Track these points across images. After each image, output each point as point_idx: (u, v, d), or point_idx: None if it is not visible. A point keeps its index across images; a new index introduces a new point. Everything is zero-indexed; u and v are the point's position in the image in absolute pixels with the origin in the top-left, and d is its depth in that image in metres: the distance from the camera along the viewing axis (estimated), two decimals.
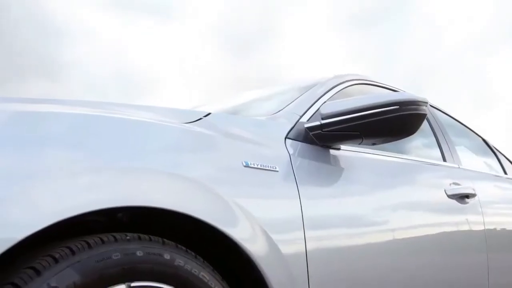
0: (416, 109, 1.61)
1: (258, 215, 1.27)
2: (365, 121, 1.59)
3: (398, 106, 1.59)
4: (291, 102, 1.80)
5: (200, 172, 1.22)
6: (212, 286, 1.16)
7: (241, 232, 1.21)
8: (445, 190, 2.04)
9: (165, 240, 1.13)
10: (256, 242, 1.24)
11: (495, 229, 2.28)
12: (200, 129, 1.34)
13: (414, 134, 1.67)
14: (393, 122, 1.60)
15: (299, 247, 1.36)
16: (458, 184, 2.13)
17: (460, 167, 2.36)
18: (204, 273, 1.15)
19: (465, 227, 2.08)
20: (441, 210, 1.98)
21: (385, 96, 1.64)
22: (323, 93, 1.90)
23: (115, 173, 1.07)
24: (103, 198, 1.01)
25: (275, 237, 1.29)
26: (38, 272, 0.93)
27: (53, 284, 0.92)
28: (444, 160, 2.32)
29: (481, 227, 2.18)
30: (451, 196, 2.05)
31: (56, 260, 0.95)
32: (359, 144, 1.67)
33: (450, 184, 2.10)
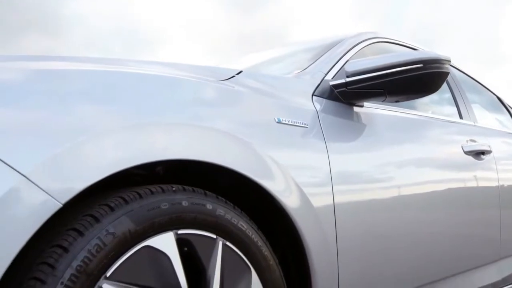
0: (439, 68, 1.65)
1: (291, 169, 1.34)
2: (389, 79, 1.64)
3: (422, 65, 1.63)
4: (315, 61, 1.84)
5: (236, 127, 1.28)
6: (249, 234, 1.23)
7: (276, 185, 1.28)
8: (462, 147, 2.10)
9: (206, 191, 1.20)
10: (290, 195, 1.31)
11: (509, 185, 2.35)
12: (235, 86, 1.39)
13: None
14: (417, 80, 1.64)
15: (327, 200, 1.43)
16: (474, 141, 2.19)
17: (476, 124, 2.41)
18: (242, 223, 1.23)
19: (480, 183, 2.14)
20: (458, 166, 2.04)
21: (409, 55, 1.67)
22: (345, 52, 1.94)
23: (161, 128, 1.13)
24: (154, 151, 1.08)
25: (306, 190, 1.36)
26: (97, 220, 1.00)
27: (111, 231, 1.00)
28: (461, 117, 2.37)
29: (495, 183, 2.25)
30: (467, 153, 2.11)
31: (112, 209, 1.03)
32: (383, 101, 1.72)
33: (467, 141, 2.15)
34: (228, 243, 1.19)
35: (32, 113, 0.99)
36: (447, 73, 1.67)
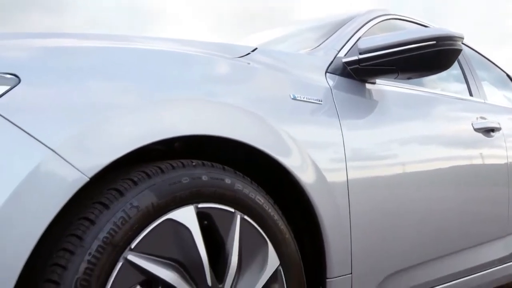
0: (452, 44, 1.66)
1: (307, 145, 1.36)
2: (402, 56, 1.65)
3: (435, 42, 1.64)
4: (327, 38, 1.84)
5: (253, 104, 1.30)
6: (266, 208, 1.27)
7: (293, 161, 1.31)
8: (472, 124, 2.11)
9: (225, 166, 1.23)
10: (306, 171, 1.34)
11: None
12: (251, 63, 1.40)
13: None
14: (430, 57, 1.65)
15: (341, 176, 1.45)
16: (484, 118, 2.20)
17: (486, 101, 2.42)
18: (259, 197, 1.25)
19: (489, 161, 2.16)
20: (468, 143, 2.06)
21: (422, 32, 1.68)
22: (357, 29, 1.94)
23: (181, 104, 1.15)
24: (174, 127, 1.10)
25: (321, 166, 1.38)
26: (121, 193, 1.03)
27: (135, 204, 1.03)
28: (471, 94, 2.38)
29: (504, 161, 2.26)
30: (477, 130, 2.12)
31: (135, 183, 1.06)
32: (395, 78, 1.73)
33: (476, 118, 2.17)
34: (245, 217, 1.22)
35: (57, 90, 1.01)
36: (460, 50, 1.68)
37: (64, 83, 1.03)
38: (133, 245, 1.02)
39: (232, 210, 1.20)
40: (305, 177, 1.33)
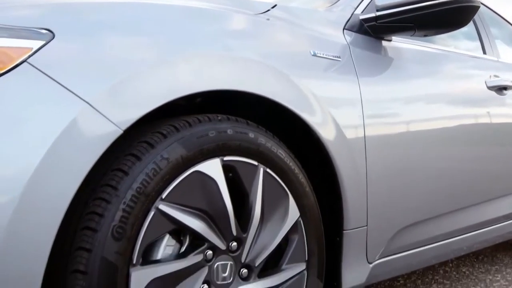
0: (470, 1, 1.66)
1: (327, 102, 1.39)
2: (419, 13, 1.65)
3: None
4: None
5: (275, 60, 1.32)
6: (287, 162, 1.30)
7: (314, 117, 1.34)
8: (485, 82, 2.13)
9: (248, 121, 1.26)
10: (326, 127, 1.37)
11: None
12: (270, 19, 1.41)
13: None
14: (447, 14, 1.65)
15: (359, 133, 1.48)
16: (498, 76, 2.21)
17: (499, 60, 2.42)
18: (281, 151, 1.29)
19: (502, 119, 2.18)
20: (481, 101, 2.08)
21: None
22: None
23: (207, 59, 1.17)
24: (202, 81, 1.13)
25: (340, 122, 1.41)
26: (152, 146, 1.07)
27: (165, 156, 1.07)
28: (484, 52, 2.38)
29: None
30: (490, 88, 2.13)
31: (164, 136, 1.09)
32: (411, 35, 1.74)
33: (490, 76, 2.17)
34: (268, 170, 1.26)
35: (90, 45, 1.03)
36: (477, 7, 1.68)
37: (96, 38, 1.05)
38: (164, 195, 1.06)
39: (256, 163, 1.23)
40: (325, 133, 1.36)
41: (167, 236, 1.12)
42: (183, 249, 1.15)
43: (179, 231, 1.14)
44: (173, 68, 1.10)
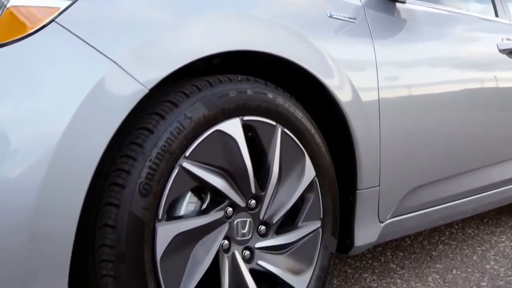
0: None
1: (343, 64, 1.40)
2: None
3: None
4: None
5: (293, 21, 1.33)
6: (304, 122, 1.33)
7: (331, 80, 1.35)
8: (497, 45, 2.13)
9: (267, 82, 1.28)
10: (343, 89, 1.39)
11: None
12: None
13: None
14: None
15: (373, 96, 1.50)
16: (510, 40, 2.21)
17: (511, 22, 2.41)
18: (298, 111, 1.31)
19: None
20: (493, 64, 2.08)
21: None
22: None
23: (225, 21, 1.18)
24: (222, 42, 1.14)
25: (357, 85, 1.43)
26: (175, 105, 1.09)
27: (188, 115, 1.09)
28: (496, 15, 2.36)
29: None
30: (502, 51, 2.13)
31: (187, 96, 1.11)
32: None
33: (502, 39, 2.17)
34: (286, 130, 1.28)
35: (116, 5, 1.04)
36: None
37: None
38: (187, 153, 1.09)
39: (274, 123, 1.26)
40: (342, 96, 1.38)
41: (189, 194, 1.16)
42: (204, 206, 1.19)
43: (200, 188, 1.18)
44: (194, 29, 1.11)
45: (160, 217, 1.06)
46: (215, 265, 1.19)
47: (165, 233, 1.07)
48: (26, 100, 0.91)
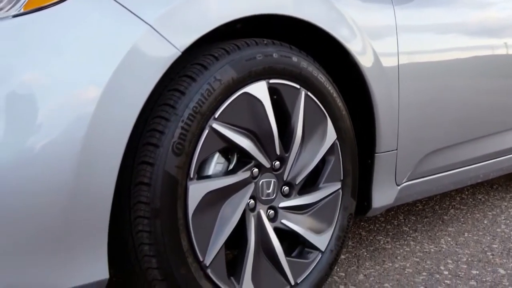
0: None
1: (366, 29, 1.42)
2: None
3: None
4: None
5: None
6: (327, 86, 1.36)
7: (353, 44, 1.37)
8: None
9: (291, 45, 1.30)
10: (365, 54, 1.41)
11: None
12: None
13: None
14: None
15: (393, 61, 1.52)
16: None
17: None
18: (321, 75, 1.34)
19: None
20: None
21: None
22: None
23: None
24: (247, 7, 1.16)
25: (378, 50, 1.45)
26: (205, 68, 1.12)
27: (218, 77, 1.12)
28: None
29: None
30: None
31: (216, 58, 1.14)
32: None
33: None
34: (309, 93, 1.31)
35: None
36: None
37: None
38: (216, 115, 1.13)
39: (298, 86, 1.29)
40: (364, 61, 1.40)
41: (217, 154, 1.20)
42: (231, 166, 1.23)
43: (227, 150, 1.22)
44: None
45: (191, 176, 1.10)
46: (242, 223, 1.23)
47: (196, 191, 1.11)
48: (70, 61, 0.95)
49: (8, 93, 0.91)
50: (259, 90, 1.20)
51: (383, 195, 1.61)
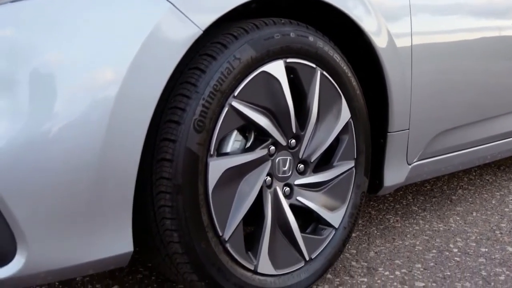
0: None
1: (380, 9, 1.43)
2: None
3: None
4: None
5: None
6: (342, 66, 1.37)
7: (368, 24, 1.39)
8: None
9: (307, 25, 1.31)
10: (380, 35, 1.42)
11: None
12: None
13: None
14: None
15: (407, 42, 1.53)
16: None
17: None
18: (336, 55, 1.36)
19: None
20: None
21: None
22: None
23: None
24: None
25: (392, 31, 1.46)
26: (225, 46, 1.14)
27: (237, 56, 1.14)
28: None
29: None
30: None
31: (236, 37, 1.16)
32: None
33: None
34: (324, 73, 1.33)
35: None
36: None
37: None
38: (236, 93, 1.15)
39: (314, 65, 1.31)
40: (379, 42, 1.42)
41: (235, 132, 1.22)
42: (248, 144, 1.26)
43: (244, 128, 1.24)
44: None
45: (212, 153, 1.13)
46: (259, 200, 1.26)
47: (216, 167, 1.14)
48: (95, 41, 0.97)
49: (35, 72, 0.93)
50: (277, 69, 1.22)
51: (394, 174, 1.64)
